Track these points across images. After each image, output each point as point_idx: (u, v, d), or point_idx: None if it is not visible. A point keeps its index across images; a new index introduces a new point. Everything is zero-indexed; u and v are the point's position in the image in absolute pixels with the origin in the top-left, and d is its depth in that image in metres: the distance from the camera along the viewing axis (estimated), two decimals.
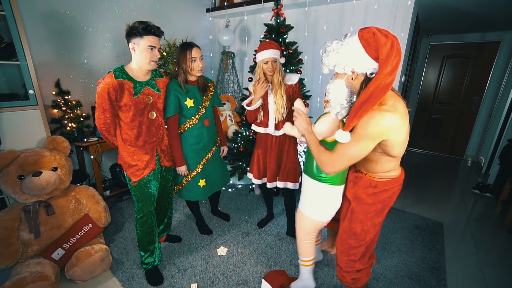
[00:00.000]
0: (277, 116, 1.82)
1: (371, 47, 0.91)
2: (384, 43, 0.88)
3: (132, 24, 1.37)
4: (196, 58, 1.67)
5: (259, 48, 1.76)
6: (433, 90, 4.47)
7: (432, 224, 2.41)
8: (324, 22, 2.82)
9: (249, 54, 3.45)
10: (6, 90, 1.96)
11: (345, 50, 0.98)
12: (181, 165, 1.79)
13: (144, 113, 1.50)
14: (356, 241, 1.27)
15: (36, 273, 1.46)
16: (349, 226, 1.28)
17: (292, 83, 1.82)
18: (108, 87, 1.34)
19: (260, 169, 2.02)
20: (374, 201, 1.20)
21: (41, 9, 2.13)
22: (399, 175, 1.19)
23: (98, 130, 1.47)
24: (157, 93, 1.55)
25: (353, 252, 1.29)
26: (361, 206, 1.23)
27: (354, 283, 1.36)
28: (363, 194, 1.22)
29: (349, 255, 1.31)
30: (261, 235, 2.19)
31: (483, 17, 3.02)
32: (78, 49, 2.40)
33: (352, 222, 1.27)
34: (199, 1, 3.44)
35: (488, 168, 3.45)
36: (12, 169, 1.69)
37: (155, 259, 1.72)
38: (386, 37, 0.89)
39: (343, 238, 1.32)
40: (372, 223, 1.24)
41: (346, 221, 1.30)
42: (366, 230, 1.25)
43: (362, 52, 0.93)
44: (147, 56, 1.40)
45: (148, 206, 1.61)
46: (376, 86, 0.90)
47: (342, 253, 1.34)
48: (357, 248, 1.28)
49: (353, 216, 1.26)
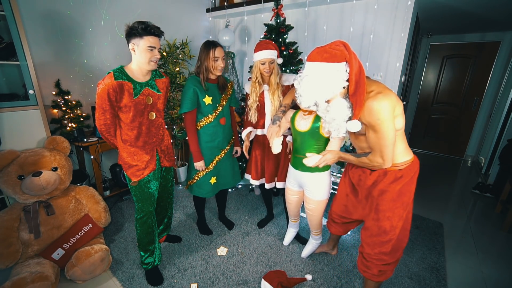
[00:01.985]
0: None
1: (337, 57, 1.09)
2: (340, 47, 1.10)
3: (131, 24, 1.36)
4: (218, 58, 1.69)
5: (256, 47, 1.75)
6: (433, 90, 4.47)
7: (432, 224, 2.42)
8: (324, 22, 2.82)
9: (249, 54, 3.45)
10: (6, 90, 1.96)
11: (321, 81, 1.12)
12: (198, 160, 1.81)
13: (144, 114, 1.50)
14: (386, 236, 1.29)
15: (36, 273, 1.46)
16: (377, 225, 1.30)
17: (289, 84, 1.81)
18: (107, 88, 1.33)
19: (258, 170, 2.02)
20: (402, 192, 1.24)
21: (41, 9, 2.13)
22: (414, 158, 1.27)
23: (98, 130, 1.47)
24: (157, 93, 1.55)
25: (385, 246, 1.31)
26: (387, 203, 1.26)
27: (379, 276, 1.37)
28: (390, 187, 1.24)
29: (381, 248, 1.32)
30: (261, 235, 2.19)
31: (483, 17, 3.02)
32: (78, 49, 2.40)
33: (380, 221, 1.29)
34: (199, 1, 3.43)
35: (488, 168, 3.46)
36: (12, 169, 1.69)
37: (155, 259, 1.71)
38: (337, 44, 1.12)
39: (373, 235, 1.33)
40: (400, 217, 1.27)
41: (372, 221, 1.33)
42: (395, 226, 1.28)
43: (333, 67, 1.10)
44: (147, 57, 1.40)
45: (148, 206, 1.61)
46: (355, 74, 1.09)
47: (373, 246, 1.34)
48: (388, 243, 1.30)
49: (380, 215, 1.29)
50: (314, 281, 1.73)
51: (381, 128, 1.10)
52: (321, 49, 1.13)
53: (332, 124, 1.22)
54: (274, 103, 1.79)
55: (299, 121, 1.55)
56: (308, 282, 1.72)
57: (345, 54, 1.09)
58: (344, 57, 1.09)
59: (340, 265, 1.86)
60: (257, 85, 1.82)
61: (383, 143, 1.13)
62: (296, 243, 2.09)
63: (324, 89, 1.13)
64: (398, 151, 1.22)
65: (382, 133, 1.11)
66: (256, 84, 1.81)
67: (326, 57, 1.09)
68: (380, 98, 1.08)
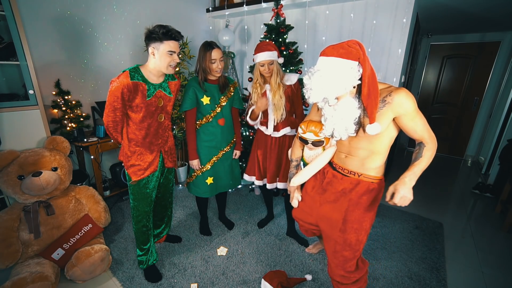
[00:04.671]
0: (276, 117, 1.82)
1: (352, 54, 1.07)
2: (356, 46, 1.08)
3: (152, 28, 1.34)
4: (215, 60, 1.70)
5: (256, 49, 1.76)
6: (433, 90, 4.47)
7: (432, 224, 2.41)
8: (324, 22, 2.82)
9: (249, 54, 3.45)
10: (6, 90, 1.96)
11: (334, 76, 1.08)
12: (193, 159, 1.83)
13: (154, 116, 1.50)
14: (351, 252, 1.25)
15: (36, 273, 1.46)
16: (343, 237, 1.25)
17: (291, 83, 1.81)
18: (122, 86, 1.33)
19: (261, 169, 2.02)
20: (371, 206, 1.21)
21: (41, 9, 2.13)
22: (383, 178, 1.24)
23: (104, 125, 1.45)
24: (169, 96, 1.55)
25: (349, 264, 1.27)
26: (357, 214, 1.22)
27: None
28: (362, 199, 1.21)
29: (345, 268, 1.28)
30: (261, 235, 2.19)
31: (483, 17, 3.02)
32: (78, 49, 2.40)
33: (347, 233, 1.24)
34: (199, 1, 3.43)
35: (488, 168, 3.46)
36: (12, 169, 1.69)
37: (149, 258, 1.72)
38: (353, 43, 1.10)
39: (336, 251, 1.28)
40: (366, 231, 1.24)
41: (339, 232, 1.27)
42: (360, 240, 1.24)
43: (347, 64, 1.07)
44: (166, 61, 1.39)
45: (144, 206, 1.61)
46: (368, 76, 1.08)
47: (338, 267, 1.30)
48: (352, 260, 1.27)
49: (347, 226, 1.24)
50: (314, 281, 1.73)
51: (417, 113, 1.09)
52: (337, 45, 1.10)
53: (338, 124, 1.17)
54: (276, 103, 1.79)
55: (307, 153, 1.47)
56: (308, 282, 1.72)
57: (359, 54, 1.07)
58: (358, 56, 1.07)
59: None
60: (258, 86, 1.84)
61: (425, 124, 1.11)
62: (296, 243, 2.09)
63: (336, 85, 1.09)
64: (377, 164, 1.19)
65: (420, 116, 1.10)
66: (257, 85, 1.83)
67: (342, 52, 1.07)
68: (400, 90, 1.09)
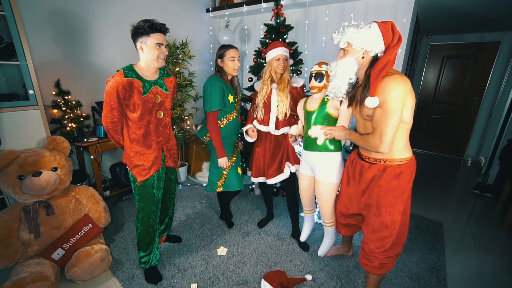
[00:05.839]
0: (279, 114, 1.83)
1: (387, 34, 1.15)
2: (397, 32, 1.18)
3: (137, 24, 1.37)
4: (234, 58, 1.75)
5: (270, 47, 1.80)
6: (433, 90, 4.47)
7: (432, 224, 2.41)
8: (324, 22, 2.82)
9: (249, 54, 3.44)
10: (6, 90, 1.96)
11: (365, 32, 1.17)
12: (222, 156, 1.83)
13: (152, 112, 1.51)
14: (388, 231, 1.32)
15: (36, 273, 1.46)
16: (379, 220, 1.33)
17: (298, 86, 1.86)
18: (117, 85, 1.34)
19: (260, 168, 2.02)
20: (403, 188, 1.26)
21: (41, 9, 2.13)
22: (413, 158, 1.30)
23: (104, 128, 1.47)
24: (165, 92, 1.57)
25: (386, 241, 1.34)
26: (389, 199, 1.28)
27: (380, 269, 1.39)
28: (391, 184, 1.26)
29: (383, 243, 1.35)
30: (261, 235, 2.19)
31: (483, 17, 3.02)
32: (78, 49, 2.40)
33: (382, 216, 1.32)
34: (199, 1, 3.44)
35: (488, 168, 3.46)
36: (12, 169, 1.69)
37: (152, 259, 1.72)
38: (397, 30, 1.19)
39: (374, 231, 1.36)
40: (400, 212, 1.30)
41: (374, 217, 1.35)
42: (395, 220, 1.31)
43: (379, 37, 1.16)
44: (155, 54, 1.41)
45: (150, 206, 1.61)
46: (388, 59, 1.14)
47: (375, 241, 1.36)
48: (389, 237, 1.33)
49: (382, 210, 1.31)
50: (314, 281, 1.73)
51: (389, 106, 1.11)
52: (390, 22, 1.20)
53: (334, 81, 1.26)
54: (282, 100, 1.80)
55: (310, 103, 1.65)
56: (308, 282, 1.72)
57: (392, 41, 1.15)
58: (388, 42, 1.16)
59: (340, 265, 1.86)
60: (268, 83, 1.85)
61: (386, 122, 1.13)
62: (295, 243, 2.09)
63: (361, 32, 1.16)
64: (399, 146, 1.23)
65: (387, 111, 1.12)
66: (268, 82, 1.84)
67: (382, 29, 1.16)
68: (396, 78, 1.11)
